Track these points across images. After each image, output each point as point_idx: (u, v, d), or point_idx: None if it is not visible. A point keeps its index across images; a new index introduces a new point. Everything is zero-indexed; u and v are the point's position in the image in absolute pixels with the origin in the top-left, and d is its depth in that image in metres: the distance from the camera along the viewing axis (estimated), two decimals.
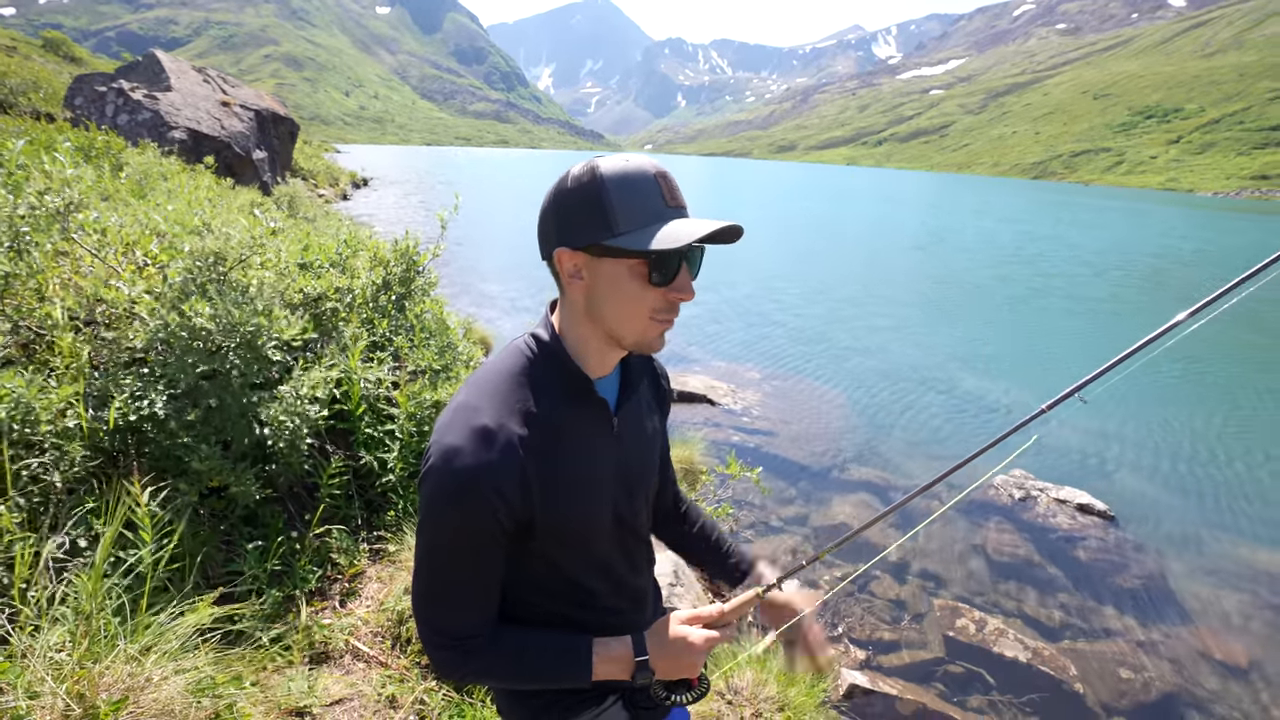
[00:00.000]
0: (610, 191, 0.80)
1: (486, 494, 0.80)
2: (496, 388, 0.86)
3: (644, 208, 0.81)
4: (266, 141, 15.10)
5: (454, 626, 0.88)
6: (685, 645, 0.92)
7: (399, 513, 2.77)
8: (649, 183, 0.81)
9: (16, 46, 21.35)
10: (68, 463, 1.94)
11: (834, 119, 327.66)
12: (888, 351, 9.21)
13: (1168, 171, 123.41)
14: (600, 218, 0.81)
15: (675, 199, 0.83)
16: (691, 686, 0.97)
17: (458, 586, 0.86)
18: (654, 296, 0.84)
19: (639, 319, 0.85)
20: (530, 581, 0.93)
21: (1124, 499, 5.30)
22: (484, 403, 0.84)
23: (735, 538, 4.55)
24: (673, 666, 0.93)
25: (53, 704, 1.11)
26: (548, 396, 0.87)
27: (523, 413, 0.85)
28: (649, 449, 1.04)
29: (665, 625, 0.95)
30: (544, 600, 0.95)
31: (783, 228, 26.51)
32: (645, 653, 0.92)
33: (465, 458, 0.79)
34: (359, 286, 3.36)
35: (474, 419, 0.82)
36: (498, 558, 0.86)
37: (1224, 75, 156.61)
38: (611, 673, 0.92)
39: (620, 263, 0.82)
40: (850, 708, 3.09)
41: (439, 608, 0.87)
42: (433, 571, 0.86)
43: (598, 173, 0.81)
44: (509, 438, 0.82)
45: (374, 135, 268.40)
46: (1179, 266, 19.34)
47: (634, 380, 1.00)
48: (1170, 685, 3.45)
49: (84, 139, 6.30)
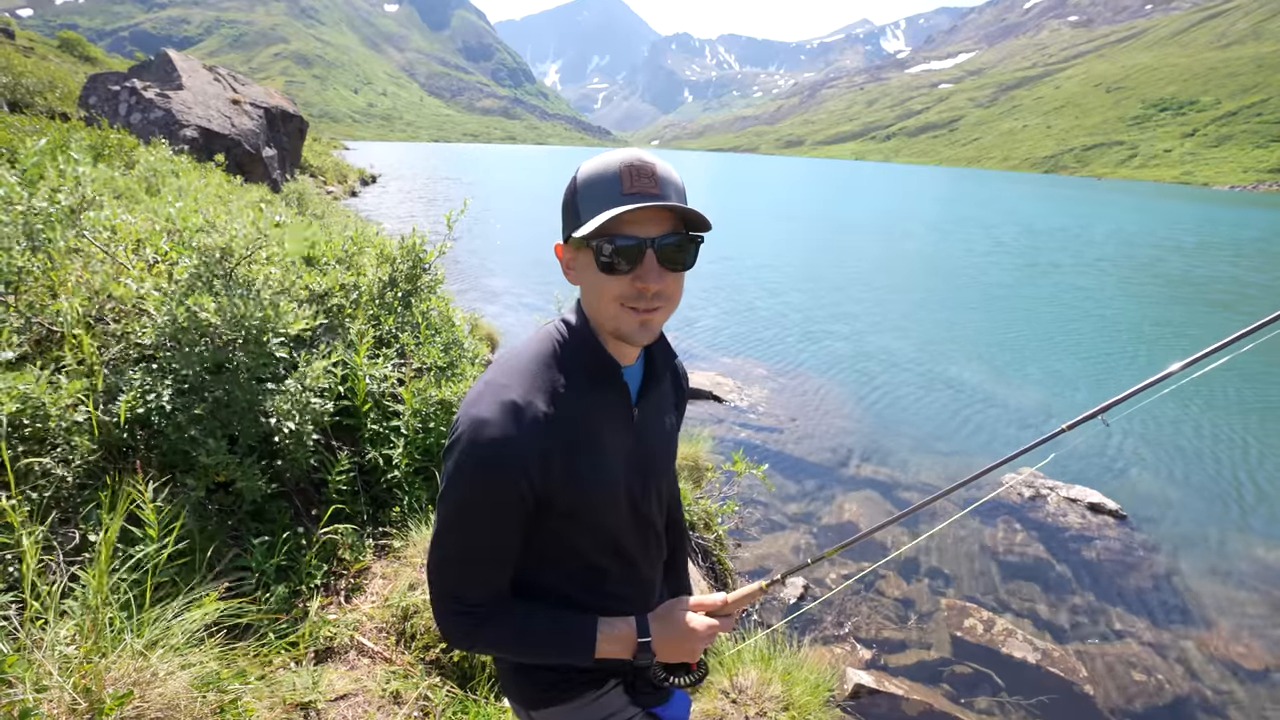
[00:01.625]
0: (580, 186, 0.86)
1: (511, 466, 0.83)
2: (526, 367, 0.90)
3: (600, 197, 0.83)
4: (276, 139, 15.20)
5: (468, 594, 0.91)
6: (688, 630, 0.95)
7: (404, 509, 2.78)
8: (611, 174, 0.84)
9: (34, 47, 21.60)
10: (78, 457, 1.96)
11: (842, 114, 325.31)
12: (894, 349, 9.15)
13: (1182, 165, 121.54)
14: (573, 211, 0.87)
15: (635, 186, 0.83)
16: (690, 670, 0.99)
17: (475, 555, 0.89)
18: (620, 284, 0.86)
19: (609, 305, 0.88)
20: (544, 558, 0.96)
21: (1136, 498, 5.23)
22: (513, 380, 0.87)
23: (740, 535, 4.55)
24: (674, 650, 0.96)
25: (60, 698, 1.13)
26: (574, 379, 0.91)
27: (549, 392, 0.88)
28: (665, 442, 1.07)
29: (670, 610, 0.98)
30: (555, 578, 0.98)
31: (790, 224, 26.37)
32: (648, 635, 0.95)
33: (493, 429, 0.83)
34: (365, 283, 3.37)
35: (503, 394, 0.85)
36: (516, 530, 0.89)
37: (1241, 67, 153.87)
38: (614, 651, 0.94)
39: (586, 252, 0.87)
40: (856, 707, 3.08)
41: (455, 574, 0.90)
42: (452, 539, 0.89)
43: (578, 170, 0.87)
44: (535, 414, 0.85)
45: (382, 132, 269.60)
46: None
47: (658, 373, 1.02)
48: (1183, 688, 3.40)
49: (97, 137, 6.37)
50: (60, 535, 1.72)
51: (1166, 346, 9.93)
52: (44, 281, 2.39)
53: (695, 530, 3.81)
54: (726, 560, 3.95)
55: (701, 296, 11.50)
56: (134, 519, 1.78)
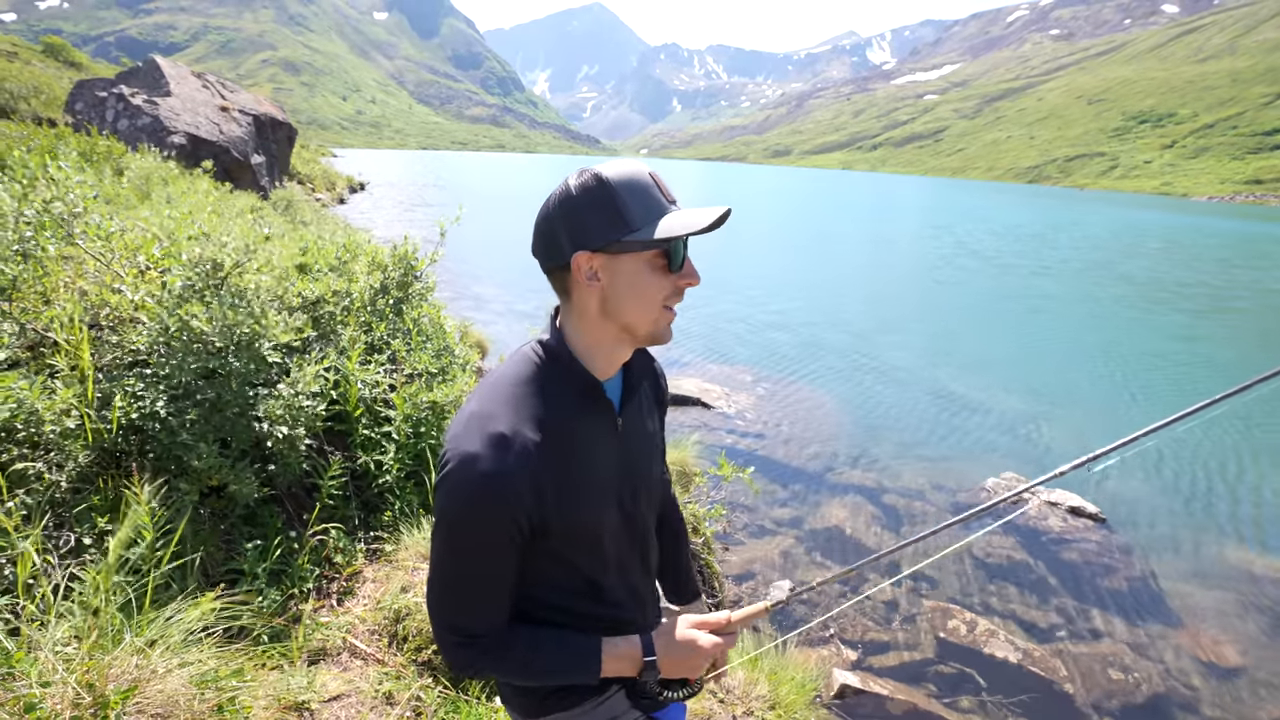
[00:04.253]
0: (620, 193, 0.86)
1: (504, 499, 0.84)
2: (508, 395, 0.90)
3: (651, 204, 0.88)
4: (264, 146, 15.15)
5: (469, 625, 0.92)
6: (693, 648, 0.97)
7: (395, 513, 2.81)
8: (649, 181, 0.88)
9: (18, 52, 21.36)
10: (72, 462, 1.98)
11: (829, 124, 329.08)
12: (879, 354, 9.28)
13: (1162, 176, 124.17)
14: (616, 217, 0.86)
15: (670, 194, 0.91)
16: (688, 684, 1.02)
17: (474, 587, 0.90)
18: (668, 285, 0.91)
19: (655, 308, 0.91)
20: (541, 577, 0.97)
21: (1115, 502, 5.36)
22: (497, 409, 0.87)
23: (727, 539, 4.60)
24: (678, 667, 0.97)
25: (63, 693, 1.16)
26: (558, 402, 0.91)
27: (535, 419, 0.88)
28: (650, 448, 1.09)
29: (674, 628, 1.00)
30: (554, 595, 0.99)
31: (776, 232, 26.62)
32: (654, 653, 0.96)
33: (483, 464, 0.83)
34: (357, 290, 3.41)
35: (489, 426, 0.85)
36: (513, 559, 0.90)
37: (1217, 80, 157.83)
38: (620, 670, 0.96)
39: (639, 257, 0.88)
40: (841, 707, 3.13)
41: (455, 607, 0.91)
42: (450, 573, 0.90)
43: (604, 177, 0.87)
44: (524, 444, 0.85)
45: (371, 139, 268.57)
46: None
47: (635, 382, 1.04)
48: (1159, 686, 3.49)
49: (85, 144, 6.35)
50: (56, 539, 1.74)
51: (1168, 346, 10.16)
52: (36, 288, 2.41)
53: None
54: (714, 564, 4.00)
55: (688, 303, 11.53)
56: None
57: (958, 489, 5.51)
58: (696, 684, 1.02)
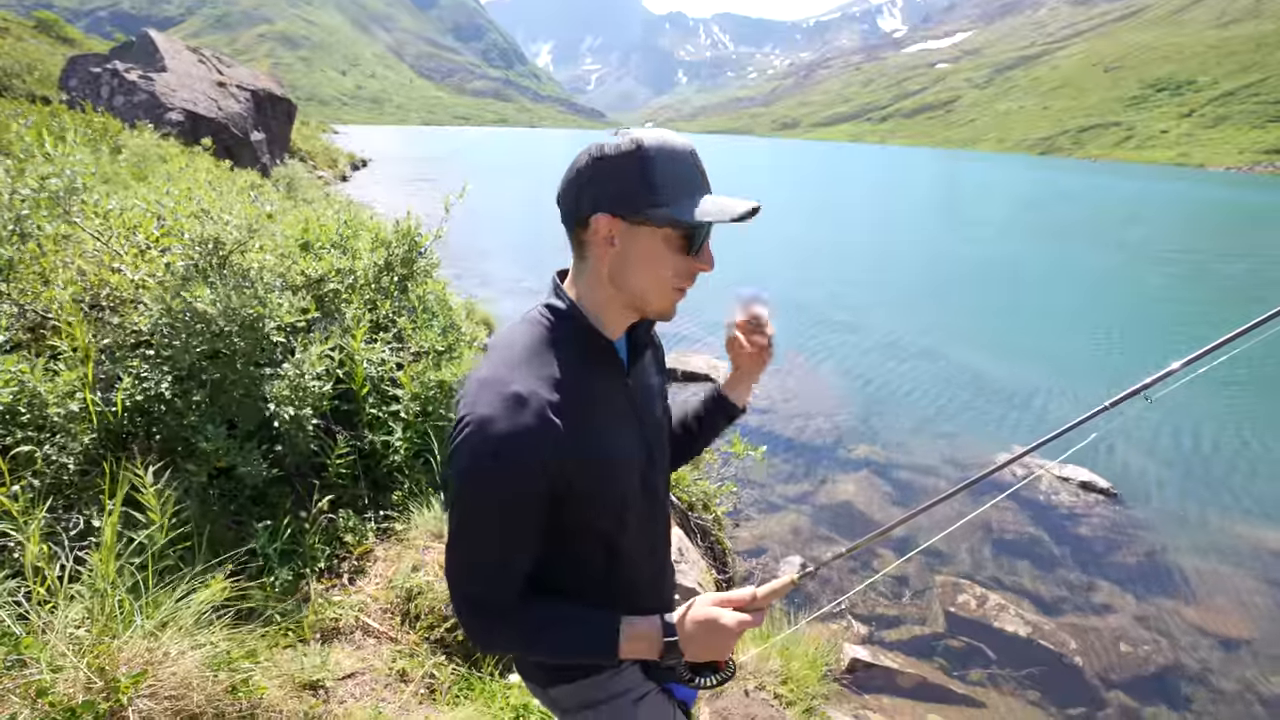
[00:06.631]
0: (656, 164, 0.84)
1: (524, 460, 0.82)
2: (520, 357, 0.88)
3: (686, 181, 0.86)
4: (264, 122, 14.96)
5: (489, 595, 0.90)
6: (717, 627, 0.91)
7: (405, 492, 2.80)
8: (688, 158, 0.86)
9: (9, 27, 21.04)
10: (77, 445, 1.96)
11: (838, 95, 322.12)
12: (887, 329, 9.19)
13: (1179, 146, 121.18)
14: (646, 187, 0.84)
15: (706, 176, 0.89)
16: (718, 669, 0.97)
17: (494, 555, 0.88)
18: (682, 266, 0.89)
19: (664, 286, 0.90)
20: (561, 544, 0.94)
21: (1127, 476, 5.32)
22: (510, 373, 0.85)
23: (736, 515, 4.60)
24: (702, 648, 0.92)
25: (74, 677, 1.15)
26: (570, 362, 0.90)
27: (549, 379, 0.86)
28: (658, 405, 1.09)
29: (697, 607, 0.95)
30: (572, 563, 0.97)
31: (785, 206, 26.25)
32: (674, 634, 0.92)
33: (501, 425, 0.81)
34: (361, 268, 3.35)
35: (504, 388, 0.83)
36: (532, 526, 0.88)
37: (1240, 46, 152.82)
38: (639, 651, 0.92)
39: (657, 232, 0.86)
40: (852, 680, 3.15)
41: (475, 577, 0.89)
42: (470, 541, 0.88)
43: (644, 145, 0.84)
44: (541, 404, 0.83)
45: (371, 115, 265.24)
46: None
47: (641, 342, 1.03)
48: (1169, 659, 3.50)
49: (81, 121, 6.25)
50: (65, 521, 1.73)
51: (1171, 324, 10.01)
52: (34, 268, 2.37)
53: (694, 511, 3.85)
54: (725, 540, 4.00)
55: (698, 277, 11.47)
56: (137, 504, 1.78)
57: (968, 464, 5.48)
58: (728, 667, 0.97)
